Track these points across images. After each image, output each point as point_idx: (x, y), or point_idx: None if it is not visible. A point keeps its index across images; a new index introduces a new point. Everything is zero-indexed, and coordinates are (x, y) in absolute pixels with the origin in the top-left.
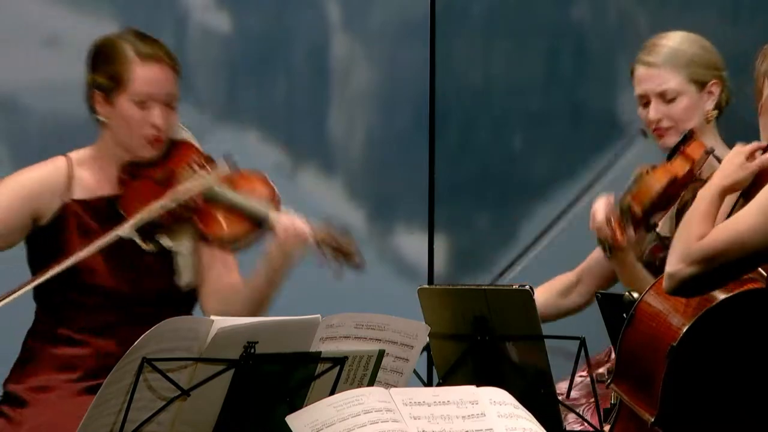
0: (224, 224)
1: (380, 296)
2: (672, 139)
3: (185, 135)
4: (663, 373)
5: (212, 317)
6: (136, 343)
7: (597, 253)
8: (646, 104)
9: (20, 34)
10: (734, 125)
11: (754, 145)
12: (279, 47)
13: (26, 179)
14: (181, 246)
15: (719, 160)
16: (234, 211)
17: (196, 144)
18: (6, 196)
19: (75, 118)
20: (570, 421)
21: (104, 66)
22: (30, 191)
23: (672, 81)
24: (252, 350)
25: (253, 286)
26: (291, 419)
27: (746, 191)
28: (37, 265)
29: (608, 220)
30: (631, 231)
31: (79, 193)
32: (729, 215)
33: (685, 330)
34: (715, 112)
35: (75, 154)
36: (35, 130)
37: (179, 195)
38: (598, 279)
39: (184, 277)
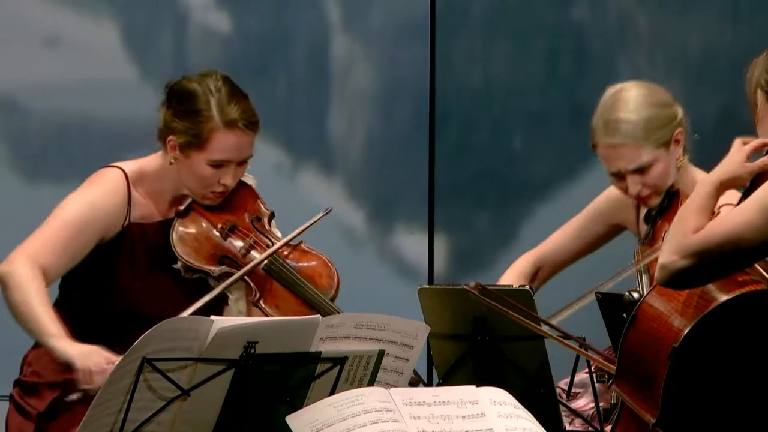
0: (284, 308)
1: (380, 296)
2: (655, 200)
3: (249, 179)
4: (664, 375)
5: (212, 317)
6: (136, 343)
7: (560, 238)
8: (619, 177)
9: (20, 34)
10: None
11: (757, 142)
12: (279, 47)
13: (92, 203)
14: (232, 293)
15: None
16: (295, 294)
17: (257, 191)
18: (75, 222)
19: (75, 118)
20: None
21: (186, 118)
22: (99, 215)
23: (643, 155)
24: (252, 350)
25: None
26: (291, 419)
27: (747, 191)
28: (71, 278)
29: None
30: None
31: (136, 215)
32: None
33: (686, 331)
34: (685, 157)
35: (130, 168)
36: (35, 130)
37: (250, 268)
38: (559, 266)
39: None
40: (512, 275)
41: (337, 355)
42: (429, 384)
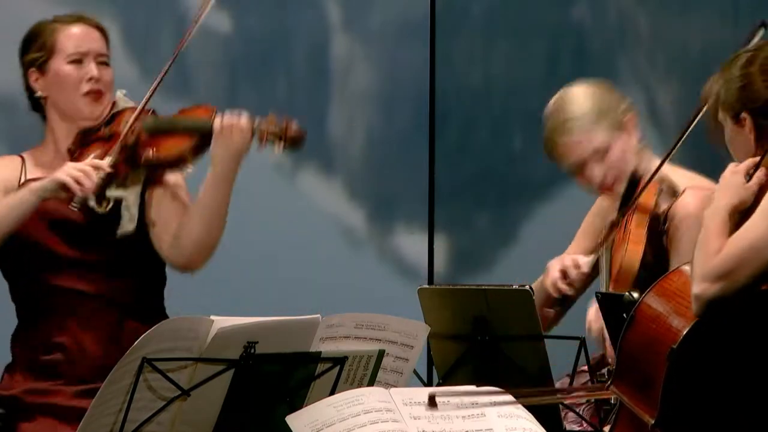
0: (169, 146)
1: (380, 296)
2: (620, 187)
3: (129, 102)
4: (663, 375)
5: (212, 317)
6: (136, 343)
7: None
8: (581, 171)
9: (20, 34)
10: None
11: (748, 163)
12: (279, 47)
13: None
14: (128, 192)
15: (675, 188)
16: (177, 132)
17: (132, 103)
18: None
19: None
20: (570, 420)
21: (32, 44)
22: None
23: (598, 137)
24: (252, 350)
25: (202, 202)
26: (291, 419)
27: (747, 211)
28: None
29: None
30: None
31: (30, 173)
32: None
33: (685, 332)
34: (641, 143)
35: (27, 154)
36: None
37: (121, 139)
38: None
39: (122, 224)
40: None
41: (337, 355)
42: (429, 384)
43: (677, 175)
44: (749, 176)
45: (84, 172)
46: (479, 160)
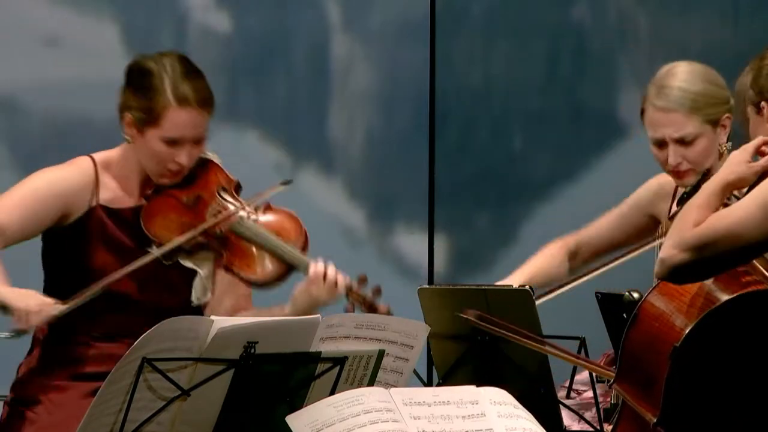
0: (256, 266)
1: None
2: (691, 179)
3: (210, 155)
4: (666, 374)
5: (212, 317)
6: (136, 343)
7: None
8: (662, 145)
9: (20, 34)
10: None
11: (760, 140)
12: (279, 47)
13: (59, 178)
14: (202, 269)
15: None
16: (265, 251)
17: (221, 164)
18: (39, 191)
19: (75, 118)
20: (569, 420)
21: (140, 95)
22: (63, 190)
23: (689, 126)
24: (252, 350)
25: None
26: (291, 419)
27: (749, 191)
28: (51, 261)
29: None
30: None
31: (104, 198)
32: None
33: (688, 331)
34: (729, 144)
35: (99, 156)
36: (35, 130)
37: (208, 227)
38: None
39: (197, 294)
40: (540, 258)
41: (337, 355)
42: (429, 384)
43: None
44: (761, 153)
45: (38, 311)
46: (479, 160)
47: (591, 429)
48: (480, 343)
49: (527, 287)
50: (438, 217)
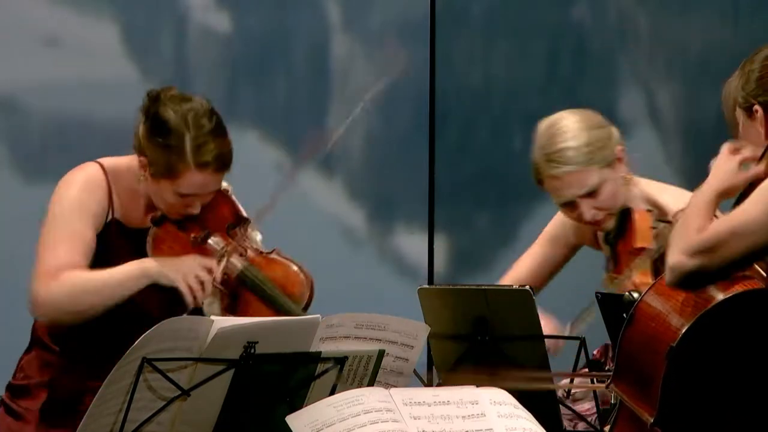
0: (252, 315)
1: (380, 296)
2: (610, 223)
3: (224, 185)
4: (662, 374)
5: (212, 317)
6: (136, 343)
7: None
8: (571, 206)
9: (20, 34)
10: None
11: (746, 154)
12: (279, 47)
13: (84, 195)
14: (215, 307)
15: (664, 220)
16: (265, 303)
17: (233, 196)
18: (77, 220)
19: (75, 118)
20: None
21: (159, 148)
22: (90, 208)
23: (591, 178)
24: (252, 350)
25: None
26: (291, 419)
27: (739, 199)
28: None
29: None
30: None
31: (117, 214)
32: None
33: (684, 330)
34: (629, 173)
35: (107, 165)
36: (35, 130)
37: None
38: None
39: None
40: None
41: (337, 355)
42: (429, 384)
43: (664, 194)
44: (746, 165)
45: (202, 283)
46: (479, 160)
47: (591, 429)
48: (480, 343)
49: (527, 287)
50: (438, 217)
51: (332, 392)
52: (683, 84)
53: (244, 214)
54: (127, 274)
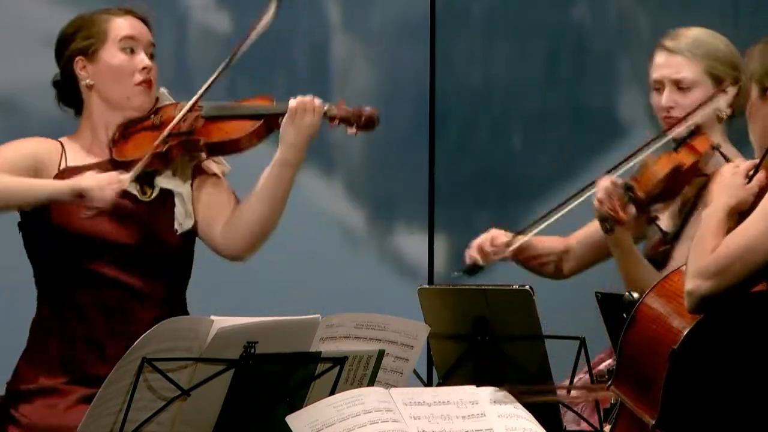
0: (235, 131)
1: (380, 296)
2: (678, 129)
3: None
4: (664, 376)
5: (212, 317)
6: (136, 343)
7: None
8: (660, 90)
9: (20, 34)
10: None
11: (748, 164)
12: (279, 47)
13: (24, 143)
14: (181, 187)
15: (726, 158)
16: (239, 117)
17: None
18: (8, 157)
19: (75, 118)
20: (569, 420)
21: (80, 33)
22: (31, 151)
23: (688, 70)
24: (252, 350)
25: (267, 186)
26: (291, 419)
27: (745, 212)
28: (28, 229)
29: (610, 197)
30: (632, 209)
31: (72, 162)
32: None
33: (686, 332)
34: (728, 110)
35: (65, 140)
36: (35, 130)
37: (174, 123)
38: (588, 253)
39: (179, 220)
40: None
41: (337, 355)
42: (429, 384)
43: (732, 154)
44: (749, 178)
45: (112, 182)
46: (479, 160)
47: (591, 429)
48: (480, 343)
49: (527, 287)
50: (438, 217)
51: (332, 392)
52: None
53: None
54: (36, 187)
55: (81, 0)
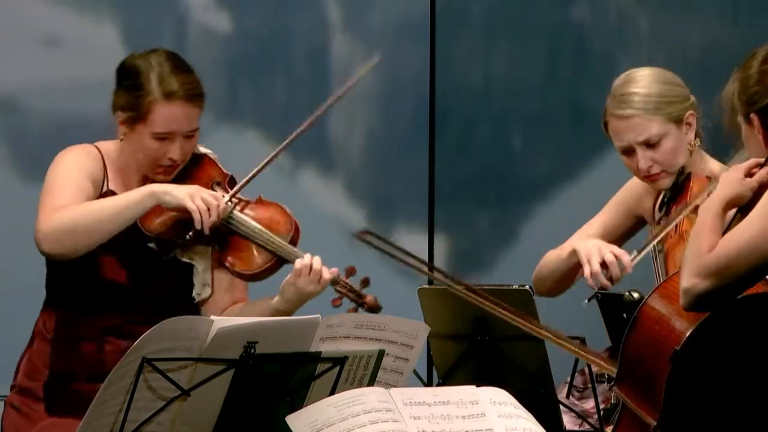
0: (247, 260)
1: (380, 296)
2: (666, 182)
3: (205, 150)
4: (666, 377)
5: (212, 317)
6: (136, 343)
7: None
8: (629, 153)
9: (20, 34)
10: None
11: (751, 162)
12: (279, 47)
13: (82, 158)
14: (200, 261)
15: None
16: (256, 244)
17: (216, 159)
18: (77, 176)
19: (75, 118)
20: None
21: (128, 92)
22: (90, 169)
23: (652, 127)
24: (252, 350)
25: (261, 311)
26: (291, 419)
27: (744, 207)
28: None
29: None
30: None
31: (112, 184)
32: (726, 230)
33: (688, 334)
34: (697, 140)
35: (100, 145)
36: (35, 130)
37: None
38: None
39: (197, 290)
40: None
41: (337, 355)
42: (429, 384)
43: (719, 168)
44: (750, 174)
45: (212, 203)
46: (479, 160)
47: (592, 430)
48: (480, 343)
49: (527, 287)
50: (438, 217)
51: (332, 392)
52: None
53: (227, 171)
54: (134, 194)
55: (81, 0)
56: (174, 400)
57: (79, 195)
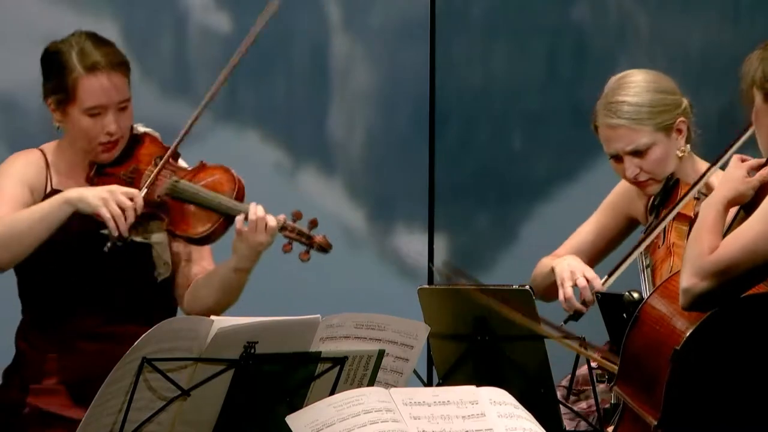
0: (197, 224)
1: (380, 296)
2: (653, 188)
3: (144, 129)
4: (666, 377)
5: (212, 317)
6: (136, 343)
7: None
8: (618, 159)
9: (20, 34)
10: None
11: (753, 161)
12: (279, 47)
13: (20, 165)
14: (155, 238)
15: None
16: (201, 206)
17: (157, 136)
18: (11, 185)
19: None
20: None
21: (53, 77)
22: (27, 176)
23: (640, 137)
24: (252, 350)
25: (222, 274)
26: (291, 419)
27: (747, 205)
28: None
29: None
30: None
31: (56, 183)
32: (728, 229)
33: (688, 334)
34: (687, 146)
35: (46, 147)
36: (35, 130)
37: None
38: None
39: (158, 270)
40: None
41: (337, 355)
42: (429, 384)
43: (717, 177)
44: (753, 172)
45: (124, 209)
46: (479, 160)
47: (592, 430)
48: (480, 343)
49: (527, 287)
50: (438, 217)
51: (332, 392)
52: (683, 84)
53: (167, 146)
54: (49, 203)
55: (80, 0)
56: (174, 400)
57: (12, 204)
